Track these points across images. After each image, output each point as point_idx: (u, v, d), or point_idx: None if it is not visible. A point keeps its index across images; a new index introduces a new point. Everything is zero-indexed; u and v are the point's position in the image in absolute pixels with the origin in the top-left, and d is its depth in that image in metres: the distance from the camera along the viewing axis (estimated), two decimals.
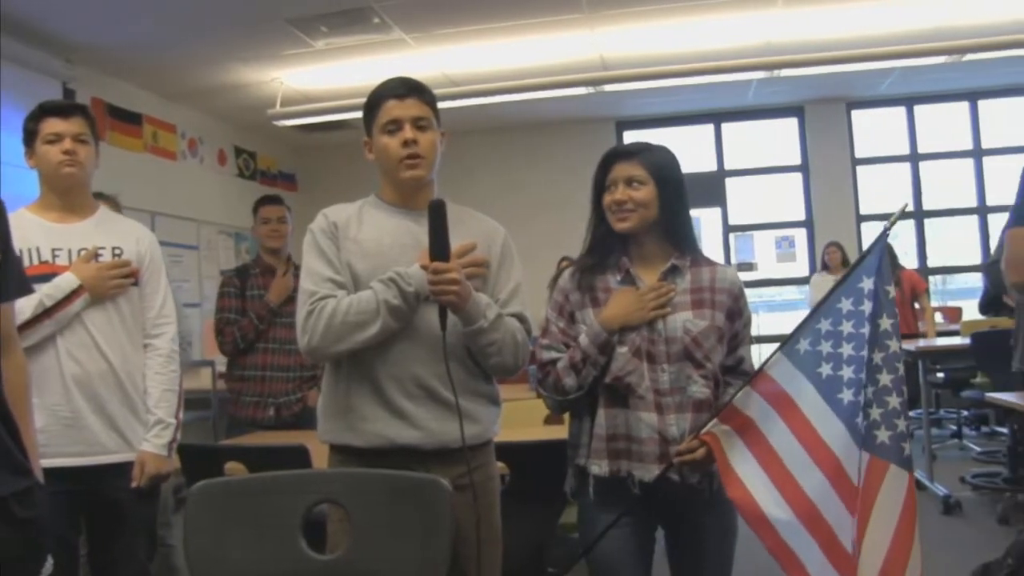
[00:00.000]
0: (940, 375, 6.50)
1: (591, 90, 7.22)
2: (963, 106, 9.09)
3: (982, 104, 9.06)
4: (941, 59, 6.83)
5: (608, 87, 7.21)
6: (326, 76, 6.88)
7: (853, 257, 8.32)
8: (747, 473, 2.03)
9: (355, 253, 2.15)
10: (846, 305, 2.07)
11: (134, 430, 2.60)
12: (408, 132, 2.14)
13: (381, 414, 2.09)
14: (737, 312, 2.26)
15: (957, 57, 6.76)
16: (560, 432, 2.79)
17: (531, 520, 2.71)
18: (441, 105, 2.30)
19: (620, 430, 2.16)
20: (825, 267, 7.92)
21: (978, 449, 6.81)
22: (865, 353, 2.03)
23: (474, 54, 6.63)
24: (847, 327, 2.05)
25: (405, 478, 1.83)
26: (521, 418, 3.37)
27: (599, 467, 2.17)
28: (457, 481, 1.94)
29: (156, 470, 2.59)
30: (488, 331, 2.09)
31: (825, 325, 2.07)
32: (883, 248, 2.10)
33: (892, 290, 2.09)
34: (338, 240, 2.16)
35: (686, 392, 2.16)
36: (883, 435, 2.00)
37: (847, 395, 2.02)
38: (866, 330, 2.04)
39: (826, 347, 2.05)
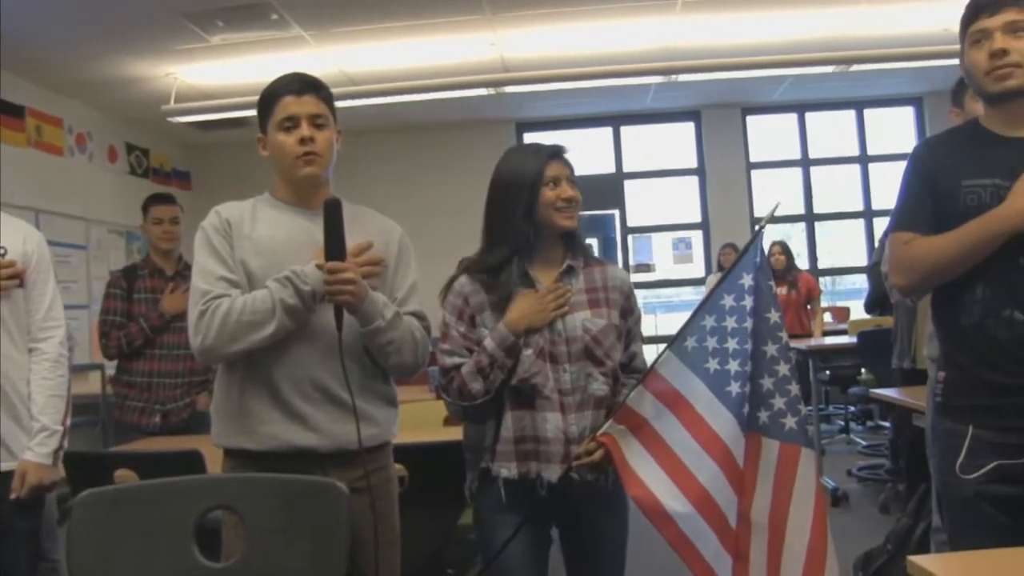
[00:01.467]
0: (827, 373, 6.72)
1: (492, 91, 7.25)
2: (850, 114, 9.45)
3: (868, 112, 9.44)
4: (830, 69, 7.09)
5: (509, 89, 7.25)
6: (222, 72, 6.73)
7: None
8: (645, 470, 2.08)
9: (249, 251, 2.11)
10: (728, 301, 2.14)
11: (16, 438, 2.49)
12: (305, 130, 2.11)
13: (277, 416, 2.05)
14: (629, 310, 2.33)
15: (845, 67, 7.04)
16: (460, 433, 2.79)
17: (430, 522, 2.70)
18: (340, 104, 2.27)
19: (527, 432, 2.17)
20: (721, 268, 8.09)
21: (864, 443, 7.08)
22: (749, 346, 2.11)
23: (374, 53, 6.58)
24: (731, 322, 2.12)
25: (301, 482, 1.81)
26: (420, 420, 3.35)
27: (508, 470, 2.17)
28: (355, 484, 1.92)
29: (38, 480, 2.47)
30: (386, 330, 2.07)
31: (710, 322, 2.13)
32: (760, 244, 2.19)
33: (774, 284, 2.18)
34: (231, 238, 2.11)
35: (587, 390, 2.19)
36: (790, 422, 2.08)
37: (734, 388, 2.09)
38: (748, 324, 2.12)
39: (712, 343, 2.12)
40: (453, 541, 3.02)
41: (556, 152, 2.28)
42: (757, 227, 2.19)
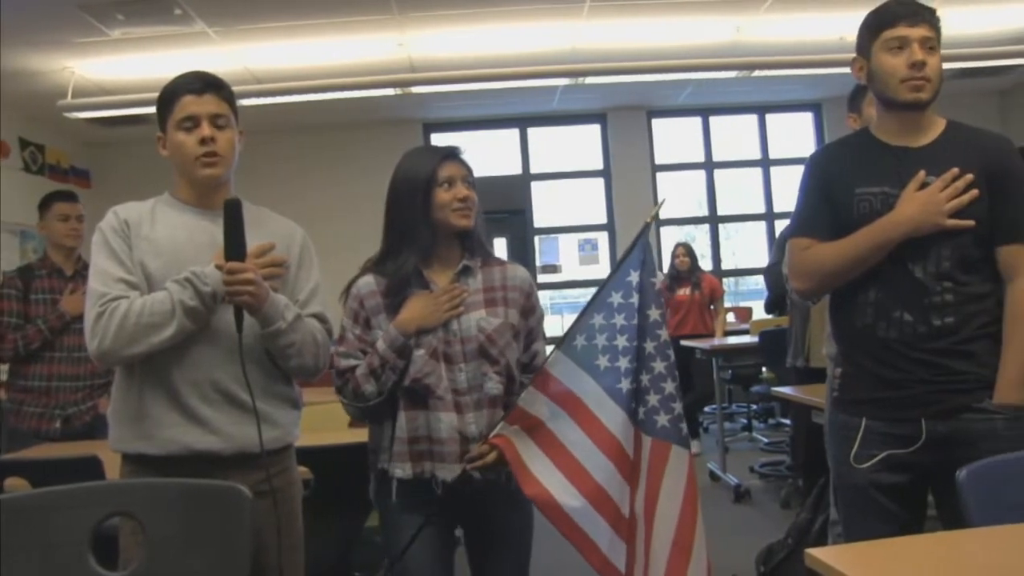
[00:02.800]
0: (730, 372, 6.88)
1: (399, 92, 7.21)
2: (752, 118, 9.69)
3: (769, 117, 9.69)
4: (733, 74, 7.27)
5: (416, 89, 7.22)
6: (123, 67, 6.53)
7: (656, 259, 8.70)
8: (540, 470, 2.10)
9: (148, 252, 2.06)
10: (616, 299, 2.18)
11: None
12: (206, 130, 2.07)
13: (177, 420, 2.02)
14: (530, 309, 2.34)
15: (747, 73, 7.22)
16: (366, 435, 2.77)
17: (336, 524, 2.69)
18: (245, 102, 2.24)
19: (421, 432, 2.17)
20: None
21: (766, 440, 7.27)
22: (637, 343, 2.15)
23: (280, 51, 6.48)
24: (619, 320, 2.16)
25: (202, 486, 1.77)
26: (325, 422, 3.32)
27: (402, 470, 2.17)
28: (257, 487, 1.89)
29: None
30: (287, 332, 2.05)
31: (599, 320, 2.17)
32: (646, 242, 2.23)
33: (657, 282, 2.23)
34: (130, 239, 2.07)
35: (483, 390, 2.20)
36: (663, 419, 2.13)
37: (625, 384, 2.14)
38: (636, 321, 2.16)
39: (601, 340, 2.16)
40: (360, 543, 3.01)
41: (449, 153, 2.28)
42: (644, 224, 2.22)
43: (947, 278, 2.09)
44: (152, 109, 2.19)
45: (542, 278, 9.43)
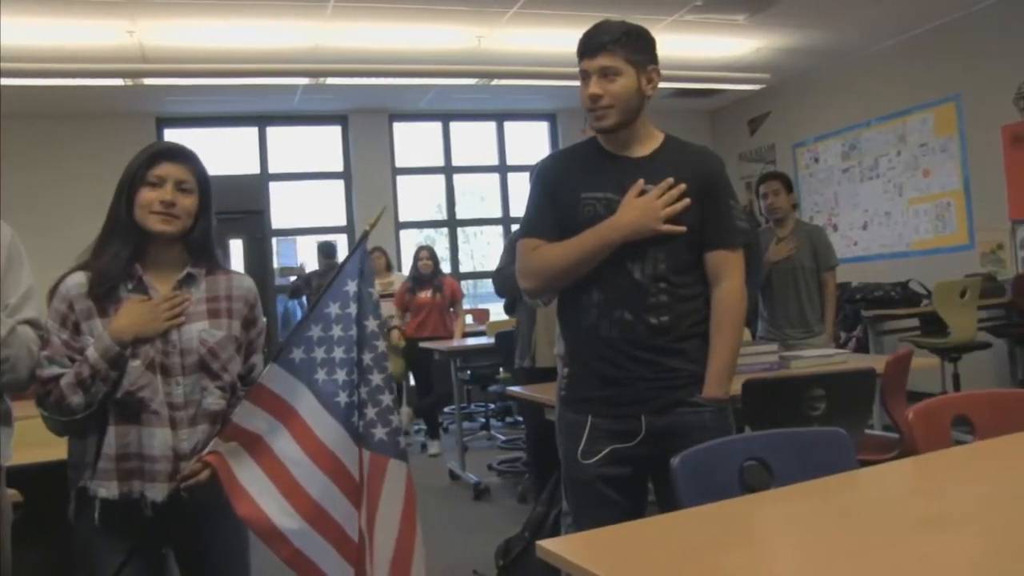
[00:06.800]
0: (468, 372, 7.02)
1: (128, 82, 6.80)
2: (491, 125, 9.99)
3: (507, 125, 10.03)
4: (473, 81, 7.45)
5: (148, 81, 6.84)
6: None
7: (395, 262, 8.74)
8: (256, 488, 2.02)
9: None
10: (334, 309, 2.13)
11: None
12: None
13: None
14: (252, 320, 2.23)
15: (487, 81, 7.43)
16: None
17: (51, 550, 2.48)
18: None
19: (132, 448, 2.02)
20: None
21: (503, 438, 7.49)
22: (355, 355, 2.12)
23: None
24: (337, 331, 2.12)
25: None
26: (39, 437, 3.05)
27: (107, 489, 2.01)
28: None
29: None
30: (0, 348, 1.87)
31: (316, 331, 2.11)
32: (364, 251, 2.22)
33: (375, 292, 2.21)
34: None
35: (201, 405, 2.08)
36: (380, 432, 2.11)
37: (343, 397, 2.10)
38: (354, 332, 2.13)
39: (320, 353, 2.10)
40: (78, 568, 2.80)
41: (164, 151, 2.13)
42: (363, 232, 2.20)
43: (662, 279, 2.24)
44: None
45: (281, 280, 9.23)
